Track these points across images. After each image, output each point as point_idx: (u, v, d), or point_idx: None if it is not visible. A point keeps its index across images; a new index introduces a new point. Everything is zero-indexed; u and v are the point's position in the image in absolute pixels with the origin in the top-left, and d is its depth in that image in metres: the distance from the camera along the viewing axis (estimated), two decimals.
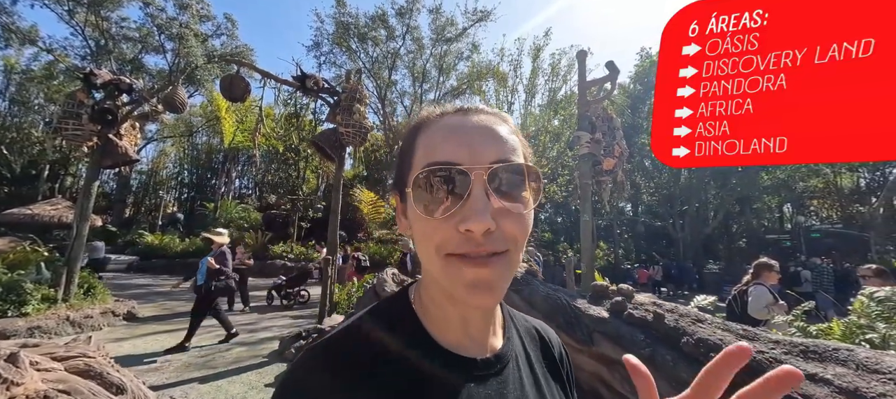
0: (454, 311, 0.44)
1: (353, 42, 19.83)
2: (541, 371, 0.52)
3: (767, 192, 23.14)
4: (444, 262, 0.39)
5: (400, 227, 0.48)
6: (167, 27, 19.59)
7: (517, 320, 0.57)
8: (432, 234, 0.39)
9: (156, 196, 25.43)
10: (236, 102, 6.27)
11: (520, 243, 0.40)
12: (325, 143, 5.80)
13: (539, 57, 17.49)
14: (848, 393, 1.57)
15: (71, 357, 1.91)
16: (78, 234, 6.47)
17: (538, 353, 0.55)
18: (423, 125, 0.45)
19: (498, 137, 0.41)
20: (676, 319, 2.28)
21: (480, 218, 0.36)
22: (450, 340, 0.45)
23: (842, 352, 1.75)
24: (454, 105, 0.46)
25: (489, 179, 0.38)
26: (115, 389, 1.86)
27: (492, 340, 0.48)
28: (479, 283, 0.37)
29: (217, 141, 24.86)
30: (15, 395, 1.23)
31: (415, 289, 0.50)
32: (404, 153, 0.46)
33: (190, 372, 4.47)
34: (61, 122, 6.24)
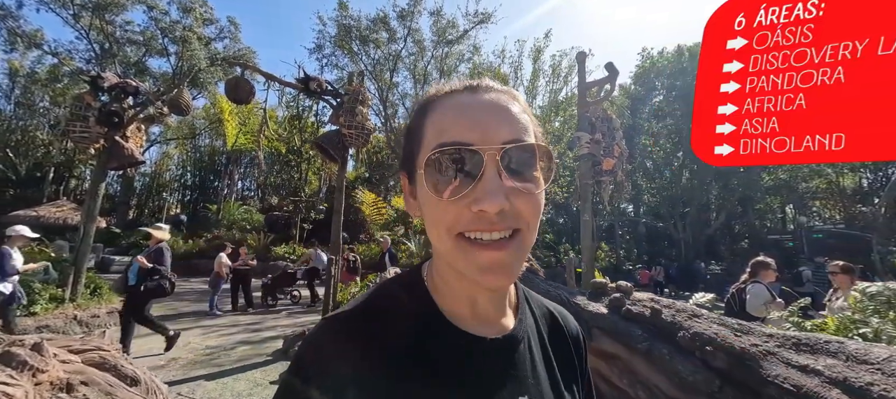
0: (463, 290, 0.44)
1: (354, 44, 19.96)
2: (553, 355, 0.51)
3: (769, 192, 23.14)
4: (456, 243, 0.38)
5: (408, 208, 0.48)
6: (170, 30, 19.77)
7: (533, 301, 0.56)
8: (443, 215, 0.38)
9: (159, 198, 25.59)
10: (241, 104, 6.36)
11: (532, 223, 0.40)
12: (328, 145, 5.87)
13: (540, 58, 17.57)
14: (837, 383, 1.62)
15: (87, 350, 1.98)
16: (85, 234, 6.55)
17: (552, 335, 0.54)
18: (432, 104, 0.44)
19: (509, 116, 0.40)
20: (673, 314, 2.34)
21: (494, 198, 0.36)
22: (461, 318, 0.45)
23: (833, 344, 1.81)
24: (463, 82, 0.45)
25: (502, 160, 0.37)
26: (129, 381, 1.93)
27: (503, 320, 0.48)
28: (494, 265, 0.37)
29: (220, 143, 25.00)
30: (40, 382, 1.30)
31: (427, 266, 0.50)
32: (413, 133, 0.45)
33: (196, 369, 4.54)
34: (69, 125, 6.34)
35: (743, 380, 1.90)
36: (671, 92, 23.08)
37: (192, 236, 18.16)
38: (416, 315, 0.44)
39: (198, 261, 16.14)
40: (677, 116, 22.64)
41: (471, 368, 0.42)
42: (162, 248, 4.86)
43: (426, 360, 0.41)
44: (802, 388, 1.68)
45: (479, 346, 0.43)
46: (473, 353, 0.43)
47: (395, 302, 0.45)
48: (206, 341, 5.82)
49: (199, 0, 20.70)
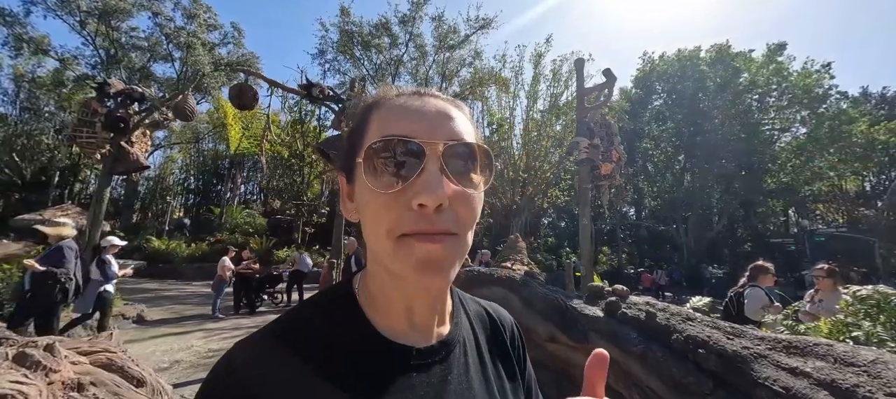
0: (399, 297, 0.43)
1: (356, 50, 20.13)
2: (488, 355, 0.51)
3: (772, 195, 23.10)
4: (396, 245, 0.38)
5: (345, 211, 0.46)
6: (175, 37, 20.02)
7: (468, 304, 0.56)
8: (383, 214, 0.38)
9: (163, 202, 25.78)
10: (245, 110, 6.47)
11: (469, 226, 0.40)
12: (330, 150, 5.95)
13: (540, 63, 17.69)
14: (825, 384, 1.65)
15: (95, 352, 2.04)
16: (90, 239, 6.64)
17: (488, 335, 0.54)
18: (378, 103, 0.44)
19: (453, 119, 0.41)
20: (668, 318, 2.38)
21: (434, 192, 0.35)
22: (393, 329, 0.44)
23: (822, 346, 1.84)
24: (410, 88, 0.45)
25: (444, 156, 0.38)
26: (135, 382, 1.99)
27: (439, 328, 0.47)
28: (430, 260, 0.37)
29: (223, 147, 25.18)
30: (53, 382, 1.36)
31: (360, 277, 0.49)
32: (355, 131, 0.44)
33: (198, 372, 4.59)
34: (76, 130, 6.46)
35: (735, 382, 1.93)
36: (671, 96, 23.13)
37: (195, 240, 18.28)
38: (343, 329, 0.42)
39: (200, 264, 16.28)
40: (678, 120, 22.69)
41: (399, 381, 0.40)
42: (62, 247, 4.15)
43: (350, 376, 0.39)
44: (791, 389, 1.71)
45: (408, 357, 0.42)
46: (403, 364, 0.41)
47: (318, 316, 0.44)
48: (208, 344, 5.87)
49: (204, 6, 20.96)
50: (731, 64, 21.20)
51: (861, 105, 20.38)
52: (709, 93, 21.88)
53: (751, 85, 20.82)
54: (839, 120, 18.02)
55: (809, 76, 19.74)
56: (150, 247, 16.27)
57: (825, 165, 18.57)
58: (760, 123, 21.27)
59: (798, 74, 20.09)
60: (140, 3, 19.37)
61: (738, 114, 20.89)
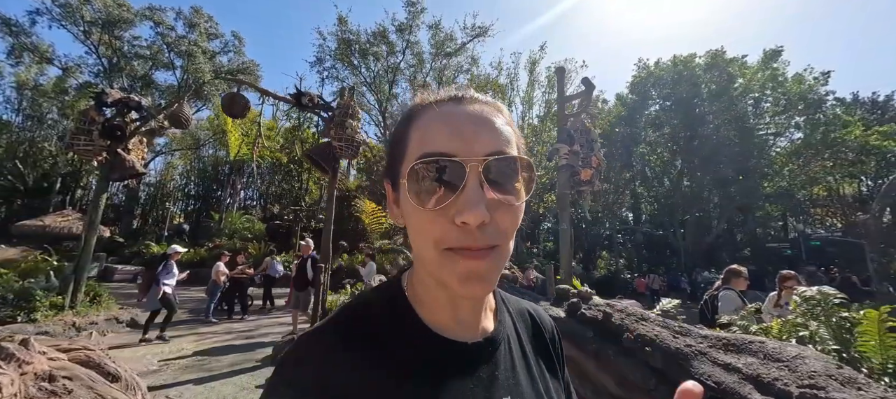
0: (445, 297, 0.45)
1: (354, 58, 20.42)
2: (532, 353, 0.52)
3: (770, 200, 23.12)
4: (442, 256, 0.39)
5: (391, 216, 0.48)
6: (176, 45, 20.36)
7: (510, 303, 0.57)
8: (429, 227, 0.39)
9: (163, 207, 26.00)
10: (236, 118, 6.63)
11: (511, 235, 0.41)
12: (319, 157, 6.10)
13: (535, 70, 17.91)
14: (751, 379, 1.76)
15: (74, 349, 2.16)
16: (86, 244, 6.79)
17: (530, 335, 0.55)
18: (417, 113, 0.44)
19: (492, 128, 0.41)
20: (622, 318, 2.48)
21: (476, 210, 0.36)
22: (441, 325, 0.45)
23: (755, 344, 1.95)
24: (448, 92, 0.45)
25: (484, 171, 0.38)
26: (110, 378, 2.11)
27: (484, 324, 0.49)
28: (472, 275, 0.38)
29: (223, 153, 25.44)
30: (26, 372, 1.48)
31: (407, 276, 0.50)
32: (397, 141, 0.45)
33: (186, 374, 4.69)
34: (74, 138, 6.63)
35: (675, 378, 2.03)
36: (667, 101, 23.28)
37: (194, 245, 18.43)
38: (396, 324, 0.44)
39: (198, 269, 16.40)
40: (674, 125, 22.82)
41: (452, 374, 0.42)
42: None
43: (406, 369, 0.41)
44: (722, 384, 1.82)
45: (459, 351, 0.44)
46: (454, 358, 0.43)
47: (374, 312, 0.46)
48: (199, 347, 5.98)
49: (205, 16, 21.33)
50: (725, 70, 21.35)
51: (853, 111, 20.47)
52: (704, 98, 22.02)
53: (745, 91, 20.96)
54: (833, 125, 18.12)
55: (804, 82, 19.87)
56: (150, 252, 16.42)
57: (820, 170, 18.63)
58: (756, 129, 21.37)
59: (792, 80, 20.23)
60: (142, 14, 19.75)
61: (733, 119, 21.00)
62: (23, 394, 1.38)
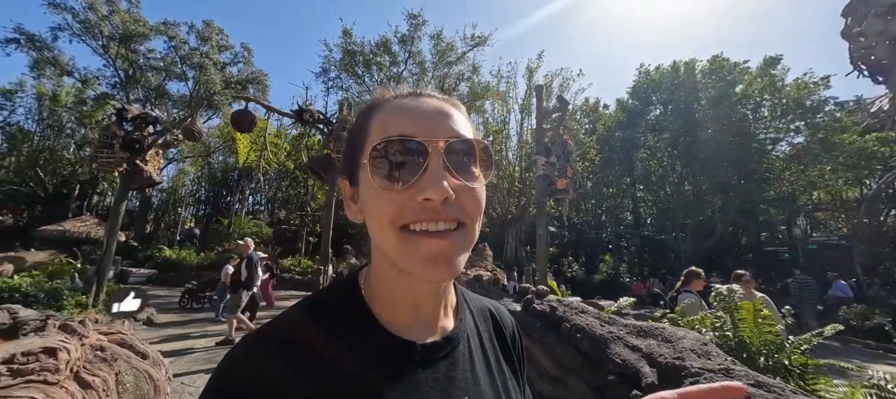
0: (406, 291, 0.44)
1: (358, 68, 21.12)
2: (492, 351, 0.51)
3: (773, 205, 23.15)
4: (400, 237, 0.38)
5: (348, 213, 0.47)
6: (189, 58, 21.27)
7: (471, 301, 0.56)
8: (388, 207, 0.39)
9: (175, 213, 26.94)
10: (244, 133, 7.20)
11: (475, 217, 0.41)
12: (317, 168, 6.62)
13: (533, 78, 18.40)
14: (646, 356, 2.20)
15: (112, 333, 2.69)
16: (107, 248, 7.40)
17: (490, 333, 0.54)
18: (376, 106, 0.45)
19: (451, 117, 0.42)
20: (564, 311, 2.93)
21: (438, 185, 0.37)
22: (399, 323, 0.44)
23: (658, 330, 2.38)
24: (406, 88, 0.46)
25: (445, 153, 0.39)
26: (140, 355, 2.63)
27: (444, 322, 0.48)
28: (437, 255, 0.38)
29: (233, 160, 26.31)
30: (84, 343, 1.98)
31: (364, 273, 0.49)
32: (356, 133, 0.45)
33: (197, 365, 5.22)
34: (97, 151, 7.28)
35: (596, 359, 2.47)
36: (667, 106, 23.53)
37: (204, 249, 19.18)
38: (349, 324, 0.43)
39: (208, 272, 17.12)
40: (674, 130, 23.05)
41: (407, 375, 0.41)
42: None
43: (357, 371, 0.39)
44: (627, 361, 2.26)
45: (414, 352, 0.43)
46: (410, 358, 0.42)
47: (326, 311, 0.44)
48: (208, 343, 6.52)
49: (216, 29, 22.25)
50: (725, 76, 21.57)
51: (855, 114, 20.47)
52: (703, 103, 22.23)
53: (744, 96, 21.15)
54: (832, 129, 18.22)
55: (803, 88, 19.99)
56: (162, 256, 17.17)
57: (817, 175, 18.70)
58: (756, 134, 21.50)
59: (791, 86, 20.37)
60: (157, 28, 20.72)
61: (733, 124, 21.17)
62: (83, 358, 1.88)
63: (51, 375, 1.75)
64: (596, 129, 26.45)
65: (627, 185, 26.61)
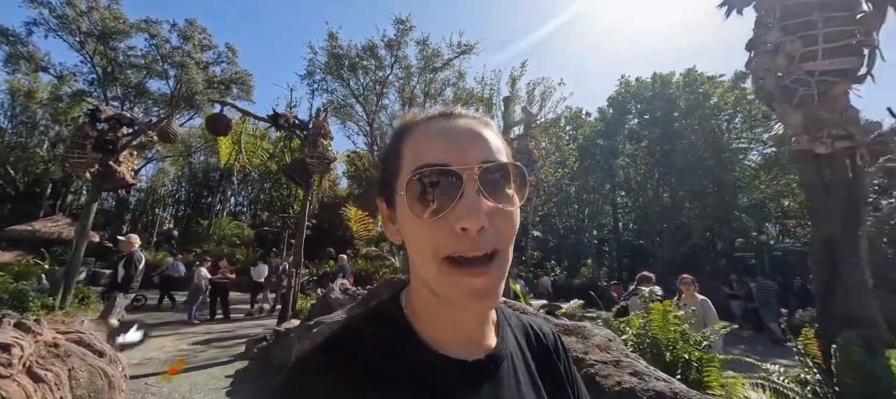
0: (446, 313, 0.44)
1: (344, 71, 21.22)
2: (536, 369, 0.51)
3: (745, 212, 24.17)
4: (441, 268, 0.39)
5: (388, 234, 0.47)
6: (170, 56, 20.98)
7: (511, 318, 0.56)
8: (427, 237, 0.39)
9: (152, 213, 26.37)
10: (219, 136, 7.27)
11: (510, 240, 0.41)
12: (293, 172, 6.75)
13: (516, 86, 18.85)
14: None
15: (69, 331, 2.80)
16: (76, 249, 7.34)
17: (533, 350, 0.54)
18: (408, 129, 0.46)
19: (483, 139, 0.42)
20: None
21: (475, 216, 0.37)
22: (443, 343, 0.44)
23: (579, 329, 2.63)
24: (437, 110, 0.47)
25: (479, 179, 0.39)
26: (97, 353, 2.75)
27: (486, 341, 0.48)
28: (477, 291, 0.38)
29: (214, 160, 25.97)
30: (38, 341, 2.10)
31: (405, 294, 0.49)
32: (390, 158, 0.46)
33: (165, 367, 5.27)
34: (68, 151, 7.24)
35: None
36: (644, 116, 24.36)
37: (182, 250, 18.87)
38: (395, 343, 0.43)
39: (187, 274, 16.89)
40: (652, 139, 23.86)
41: (454, 394, 0.42)
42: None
43: (406, 390, 0.40)
44: None
45: (462, 370, 0.43)
46: (456, 377, 0.43)
47: (372, 331, 0.45)
48: (179, 345, 6.54)
49: (199, 28, 22.03)
50: (699, 88, 22.48)
51: None
52: (680, 114, 23.10)
53: (717, 108, 22.07)
54: None
55: None
56: None
57: (784, 184, 19.64)
58: (729, 144, 22.43)
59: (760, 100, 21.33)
60: (138, 26, 20.40)
61: (707, 134, 22.06)
62: (36, 354, 2.01)
63: (3, 369, 1.88)
64: (577, 136, 27.15)
65: (608, 192, 27.35)
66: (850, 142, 2.47)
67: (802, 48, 2.34)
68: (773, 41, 2.45)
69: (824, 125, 2.49)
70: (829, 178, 2.54)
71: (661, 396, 1.54)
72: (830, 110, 2.45)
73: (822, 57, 2.30)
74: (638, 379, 1.68)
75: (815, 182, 2.68)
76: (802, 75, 2.37)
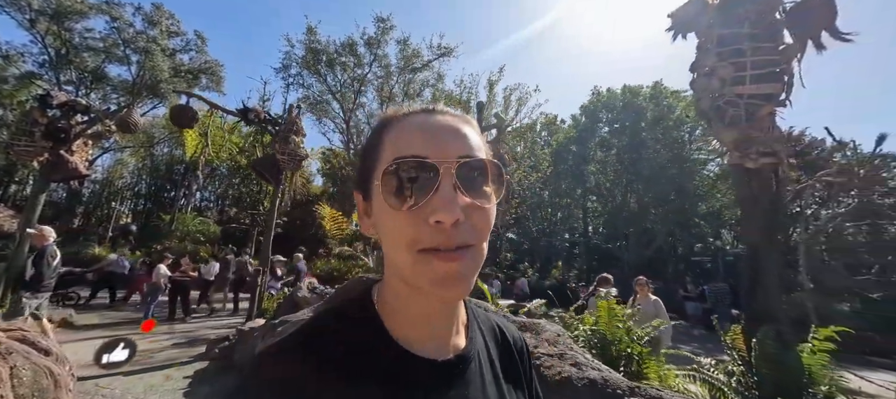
0: (419, 308, 0.44)
1: (321, 67, 20.83)
2: (501, 370, 0.52)
3: (704, 219, 25.83)
4: (415, 258, 0.39)
5: (363, 228, 0.48)
6: (134, 41, 19.84)
7: (480, 318, 0.56)
8: (403, 229, 0.39)
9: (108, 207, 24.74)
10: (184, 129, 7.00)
11: (484, 236, 0.42)
12: (262, 168, 6.61)
13: (493, 90, 19.21)
14: None
15: (11, 329, 2.67)
16: (19, 243, 6.83)
17: (499, 350, 0.54)
18: (389, 123, 0.46)
19: (463, 135, 0.43)
20: None
21: (450, 209, 0.37)
22: (412, 340, 0.44)
23: (534, 325, 2.80)
24: (419, 105, 0.47)
25: (457, 173, 0.39)
26: (43, 352, 2.64)
27: (455, 339, 0.48)
28: (448, 276, 0.38)
29: (179, 152, 24.74)
30: None
31: (377, 288, 0.49)
32: (369, 150, 0.46)
33: (117, 367, 5.03)
34: (14, 139, 6.73)
35: None
36: (613, 125, 25.50)
37: (141, 246, 17.84)
38: (363, 341, 0.43)
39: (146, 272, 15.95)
40: (620, 147, 25.01)
41: (421, 393, 0.42)
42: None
43: (373, 389, 0.40)
44: None
45: (430, 369, 0.43)
46: (425, 376, 0.43)
47: (340, 327, 0.45)
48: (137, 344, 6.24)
49: (166, 13, 20.96)
50: (664, 101, 23.76)
51: None
52: (647, 125, 24.34)
53: (679, 120, 23.41)
54: None
55: None
56: (90, 253, 15.79)
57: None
58: (690, 154, 23.84)
59: None
60: (98, 7, 19.15)
61: (670, 144, 23.35)
62: None
63: None
64: (552, 142, 28.00)
65: (579, 196, 28.35)
66: (773, 158, 2.78)
67: (733, 73, 2.64)
68: (710, 65, 2.74)
69: (753, 143, 2.79)
70: (756, 190, 2.85)
71: (593, 384, 1.71)
72: (758, 130, 2.76)
73: (749, 82, 2.61)
74: (577, 369, 1.85)
75: (745, 194, 2.99)
76: (733, 97, 2.67)
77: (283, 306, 5.73)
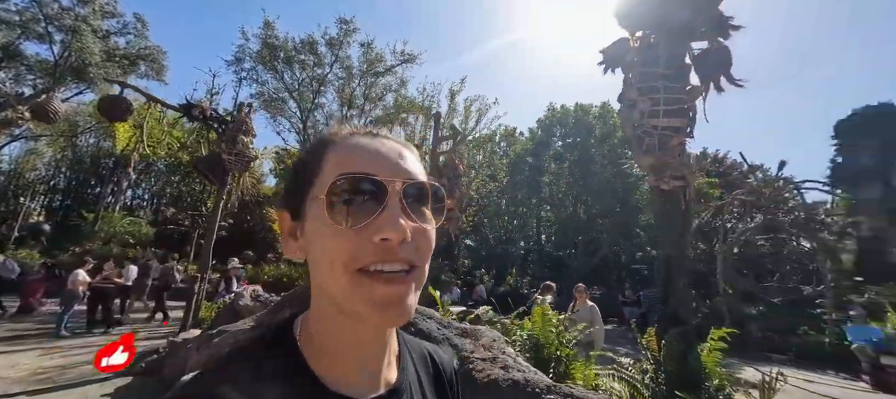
0: (351, 338, 0.42)
1: (278, 63, 19.97)
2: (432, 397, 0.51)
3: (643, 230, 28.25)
4: (352, 279, 0.37)
5: (286, 250, 0.45)
6: (58, 18, 17.68)
7: (411, 346, 0.56)
8: (342, 248, 0.38)
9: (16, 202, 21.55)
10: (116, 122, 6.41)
11: (427, 257, 0.41)
12: (207, 168, 6.25)
13: (454, 100, 19.64)
14: (458, 349, 2.74)
15: None
16: None
17: (431, 379, 0.54)
18: (331, 141, 0.45)
19: (408, 158, 0.43)
20: (415, 318, 3.39)
21: (398, 227, 0.37)
22: (339, 377, 0.42)
23: (473, 330, 2.97)
24: (363, 127, 0.47)
25: (403, 194, 0.39)
26: None
27: (386, 373, 0.46)
28: (391, 299, 0.37)
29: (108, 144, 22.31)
30: None
31: (301, 321, 0.46)
32: (307, 166, 0.44)
33: (16, 387, 4.44)
34: None
35: None
36: (566, 140, 27.19)
37: (55, 248, 15.75)
38: (283, 384, 0.40)
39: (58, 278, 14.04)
40: (572, 161, 26.67)
41: None
42: None
43: None
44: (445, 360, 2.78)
45: None
46: None
47: (252, 367, 0.41)
48: (42, 362, 5.54)
49: None
50: (610, 120, 25.74)
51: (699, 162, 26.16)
52: (596, 141, 26.20)
53: (624, 139, 25.47)
54: None
55: None
56: None
57: None
58: (632, 170, 25.98)
59: None
60: None
61: (615, 160, 25.31)
62: None
63: None
64: (509, 153, 29.13)
65: (534, 206, 29.68)
66: (683, 181, 3.23)
67: (650, 107, 3.06)
68: (632, 98, 3.14)
69: (666, 168, 3.21)
70: (668, 208, 3.27)
71: (516, 384, 1.89)
72: (670, 156, 3.18)
73: (662, 115, 3.03)
74: (504, 371, 2.02)
75: (661, 211, 3.42)
76: (649, 128, 3.08)
77: (222, 315, 5.41)
